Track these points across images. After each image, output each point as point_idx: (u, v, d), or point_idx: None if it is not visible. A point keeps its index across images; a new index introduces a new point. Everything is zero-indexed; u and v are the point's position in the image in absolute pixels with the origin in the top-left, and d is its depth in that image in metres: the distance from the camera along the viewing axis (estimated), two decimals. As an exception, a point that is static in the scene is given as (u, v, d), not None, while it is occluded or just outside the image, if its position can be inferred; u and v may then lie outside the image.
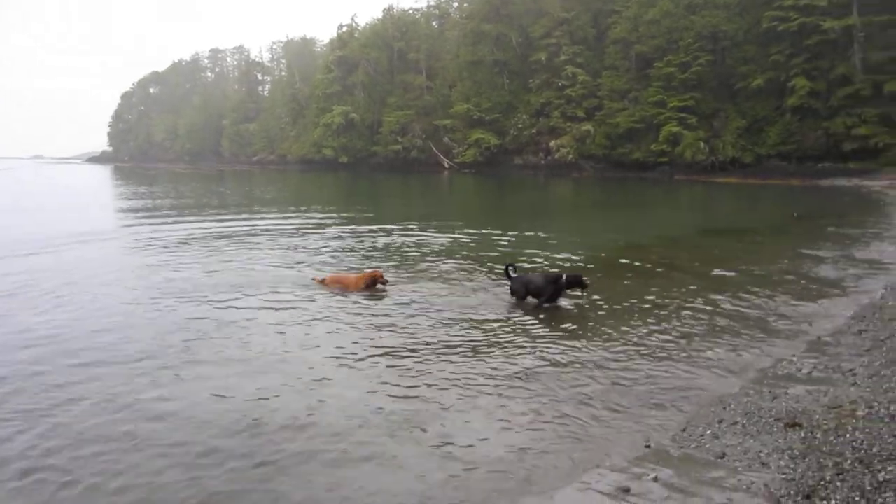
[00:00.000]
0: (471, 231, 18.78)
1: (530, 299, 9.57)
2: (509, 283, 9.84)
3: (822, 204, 31.97)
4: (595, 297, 9.73)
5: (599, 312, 8.97)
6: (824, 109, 56.60)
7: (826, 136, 56.31)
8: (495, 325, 8.30)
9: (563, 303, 9.46)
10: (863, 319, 8.15)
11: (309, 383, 6.07)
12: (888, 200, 31.64)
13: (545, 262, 13.00)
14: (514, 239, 16.80)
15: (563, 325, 8.24)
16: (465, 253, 14.45)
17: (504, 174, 69.79)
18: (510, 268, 10.00)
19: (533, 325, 8.27)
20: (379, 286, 10.46)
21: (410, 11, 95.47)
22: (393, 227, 19.32)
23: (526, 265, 12.53)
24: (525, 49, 78.28)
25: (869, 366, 6.09)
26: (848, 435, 4.42)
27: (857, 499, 3.52)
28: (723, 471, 4.25)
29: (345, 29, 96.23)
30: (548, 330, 8.02)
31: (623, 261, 13.47)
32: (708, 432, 4.93)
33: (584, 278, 9.33)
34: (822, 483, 3.79)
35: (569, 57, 72.92)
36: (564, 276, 9.35)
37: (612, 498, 4.03)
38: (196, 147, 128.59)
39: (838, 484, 3.74)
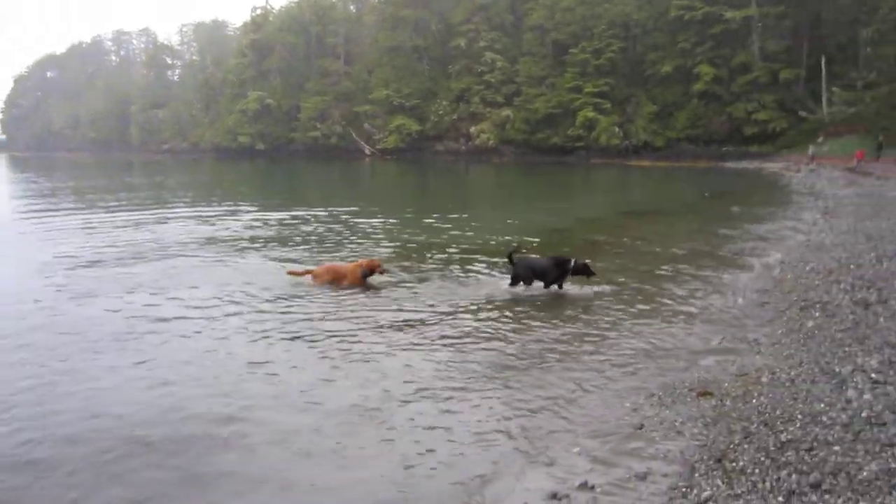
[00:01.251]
0: (396, 217, 18.72)
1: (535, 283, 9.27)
2: (512, 268, 9.33)
3: (728, 185, 33.70)
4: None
5: (518, 297, 9.11)
6: (727, 95, 59.68)
7: (729, 121, 59.44)
8: (442, 311, 8.29)
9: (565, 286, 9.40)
10: (765, 292, 8.66)
11: (246, 376, 5.89)
12: (784, 181, 33.71)
13: (472, 247, 13.10)
14: (440, 224, 16.83)
15: (485, 310, 8.32)
16: (397, 238, 14.39)
17: (426, 160, 69.81)
18: (512, 255, 9.44)
19: (470, 309, 8.29)
20: (375, 276, 9.61)
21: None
22: (315, 213, 18.99)
23: (452, 250, 12.61)
24: (444, 35, 78.31)
25: (771, 335, 6.50)
26: (754, 400, 4.70)
27: (762, 459, 3.76)
28: (642, 441, 4.43)
29: (259, 12, 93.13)
30: (473, 315, 8.08)
31: (546, 244, 13.77)
32: (627, 405, 5.14)
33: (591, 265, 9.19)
34: (732, 446, 4.02)
35: (487, 43, 73.50)
36: (573, 261, 9.10)
37: (539, 472, 4.14)
38: (101, 135, 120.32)
39: (746, 446, 3.97)
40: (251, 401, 5.35)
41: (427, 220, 17.85)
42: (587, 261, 9.29)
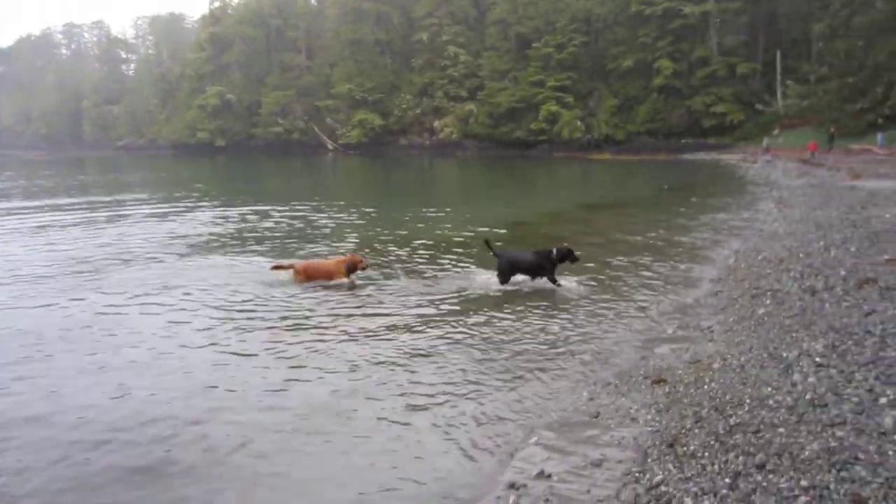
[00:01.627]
0: (361, 212, 18.62)
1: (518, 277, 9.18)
2: (496, 263, 9.18)
3: (687, 177, 34.33)
4: (478, 270, 9.98)
5: (483, 291, 9.17)
6: (686, 89, 60.84)
7: (688, 114, 60.65)
8: (407, 306, 8.29)
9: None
10: (719, 281, 8.90)
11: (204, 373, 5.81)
12: (741, 172, 34.51)
13: (438, 241, 13.12)
14: (405, 219, 16.83)
15: (447, 304, 8.36)
16: (363, 234, 14.35)
17: (390, 155, 69.59)
18: (489, 244, 9.32)
19: (434, 303, 8.31)
20: (357, 273, 9.42)
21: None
22: (277, 209, 18.78)
23: (418, 244, 12.61)
24: (407, 29, 78.08)
25: (724, 323, 6.67)
26: (706, 386, 4.83)
27: (712, 442, 3.86)
28: (597, 429, 4.52)
29: (217, 4, 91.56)
30: (436, 309, 8.11)
31: (510, 236, 13.88)
32: (584, 394, 5.23)
33: (576, 252, 9.15)
34: (684, 431, 4.12)
35: (450, 37, 73.54)
36: (555, 250, 8.98)
37: (497, 463, 4.20)
38: (53, 131, 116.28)
39: (697, 431, 4.08)
40: (215, 402, 5.27)
41: (391, 215, 17.86)
42: (565, 245, 9.20)
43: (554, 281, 9.05)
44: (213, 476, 4.17)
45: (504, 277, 9.10)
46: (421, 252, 11.85)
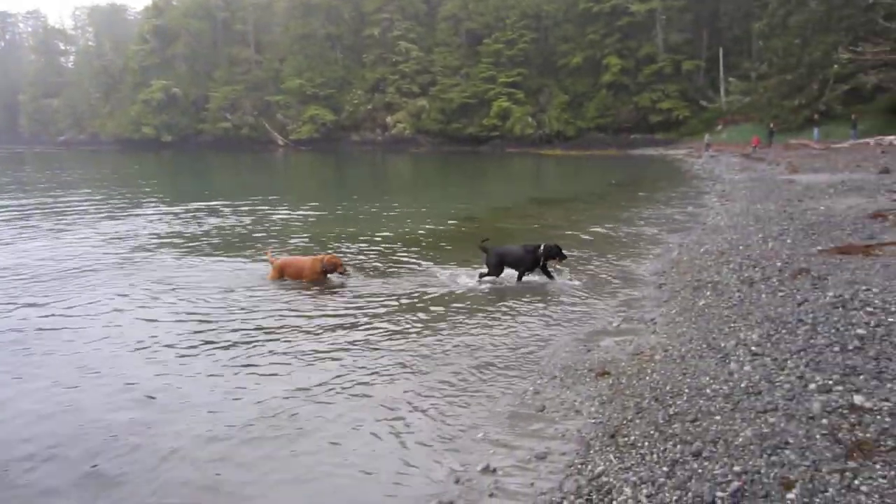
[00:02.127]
0: (313, 208, 18.40)
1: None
2: (484, 258, 9.14)
3: (634, 172, 35.05)
4: (430, 266, 10.00)
5: (433, 288, 9.19)
6: (634, 85, 62.14)
7: (636, 110, 61.97)
8: (357, 305, 8.23)
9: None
10: (663, 274, 9.12)
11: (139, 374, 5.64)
12: (686, 167, 35.44)
13: (390, 237, 13.07)
14: (358, 215, 16.74)
15: (394, 301, 8.34)
16: (316, 230, 14.18)
17: (342, 151, 68.93)
18: (484, 242, 9.28)
19: (377, 300, 8.29)
20: (335, 276, 9.17)
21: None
22: (226, 206, 18.39)
23: (374, 239, 12.53)
24: (357, 23, 77.37)
25: (667, 315, 6.85)
26: (647, 378, 4.95)
27: (651, 432, 3.97)
28: (542, 422, 4.59)
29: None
30: (384, 306, 8.09)
31: (461, 232, 13.94)
32: (530, 388, 5.29)
33: (563, 250, 9.08)
34: (625, 422, 4.22)
35: (401, 32, 73.27)
36: (542, 246, 8.96)
37: (443, 459, 4.21)
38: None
39: (637, 421, 4.18)
40: (152, 411, 5.07)
41: (344, 211, 17.72)
42: (559, 246, 9.10)
43: (546, 273, 9.06)
44: (145, 488, 4.03)
45: (494, 271, 9.05)
46: (375, 249, 11.79)
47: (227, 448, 4.45)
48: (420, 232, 13.88)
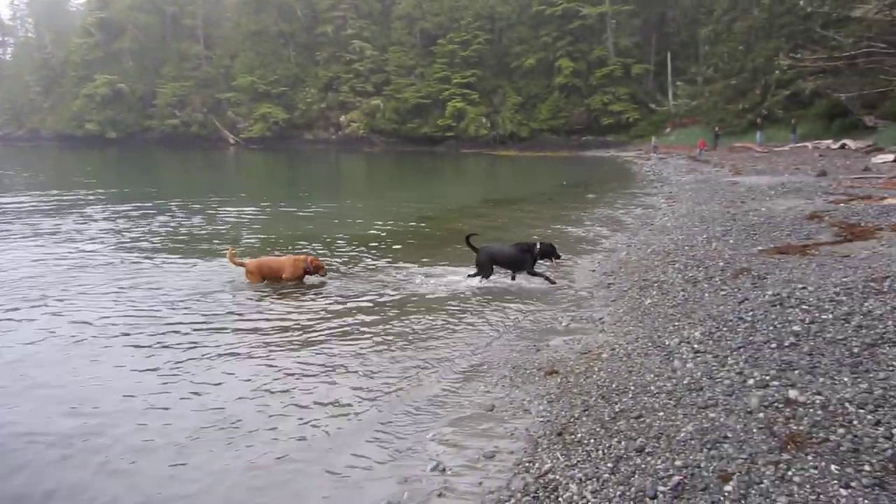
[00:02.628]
0: (265, 208, 18.13)
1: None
2: (475, 257, 8.96)
3: (586, 173, 35.64)
4: (385, 266, 9.98)
5: (381, 288, 9.17)
6: (585, 88, 63.16)
7: (588, 112, 62.99)
8: (309, 306, 8.13)
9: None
10: (611, 274, 9.31)
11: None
12: (636, 169, 36.21)
13: (343, 237, 12.96)
14: (309, 214, 16.56)
15: (352, 301, 8.29)
16: (267, 230, 13.96)
17: (294, 150, 67.97)
18: (472, 237, 9.15)
19: (328, 301, 8.22)
20: (311, 279, 8.99)
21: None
22: (173, 205, 17.94)
23: (326, 240, 12.41)
24: (310, 21, 76.45)
25: (614, 314, 7.00)
26: (594, 376, 5.05)
27: (597, 429, 4.05)
28: (492, 422, 4.63)
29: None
30: (342, 305, 8.03)
31: (413, 231, 13.94)
32: (480, 388, 5.33)
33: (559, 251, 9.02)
34: (572, 420, 4.30)
35: (355, 31, 72.75)
36: (538, 246, 8.84)
37: (392, 459, 4.21)
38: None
39: (584, 419, 4.26)
40: (88, 421, 4.86)
41: (297, 211, 17.50)
42: (543, 242, 9.05)
43: (533, 274, 8.90)
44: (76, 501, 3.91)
45: (484, 272, 8.89)
46: (327, 249, 11.69)
47: (167, 454, 4.36)
48: (372, 232, 13.82)
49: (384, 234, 13.62)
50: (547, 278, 8.91)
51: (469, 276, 9.10)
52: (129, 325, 7.06)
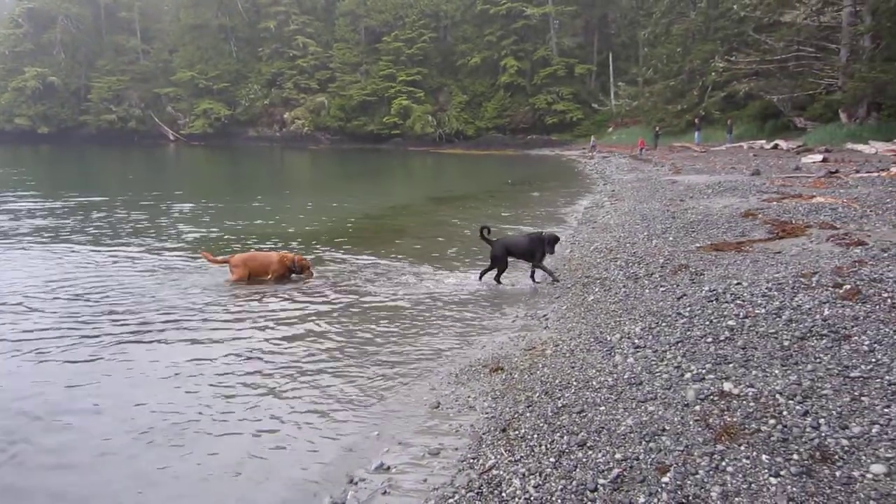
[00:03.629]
0: (203, 206, 17.64)
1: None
2: (490, 248, 8.68)
3: (531, 171, 36.06)
4: (329, 266, 9.87)
5: (317, 285, 9.07)
6: (530, 87, 64.06)
7: (533, 111, 63.89)
8: (253, 307, 7.94)
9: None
10: (556, 271, 9.44)
11: None
12: (579, 167, 36.88)
13: (281, 235, 12.74)
14: (250, 212, 16.21)
15: (286, 298, 8.16)
16: (205, 228, 13.57)
17: (238, 146, 66.60)
18: (485, 230, 8.78)
19: (272, 302, 8.06)
20: (295, 276, 8.80)
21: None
22: (108, 201, 17.29)
23: (269, 238, 12.16)
24: (253, 16, 74.98)
25: (558, 311, 7.10)
26: (538, 372, 5.11)
27: (541, 424, 4.10)
28: (437, 419, 4.63)
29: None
30: (288, 309, 7.89)
31: (355, 229, 13.82)
32: (427, 386, 5.32)
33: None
34: (516, 416, 4.34)
35: (299, 27, 71.75)
36: (544, 234, 8.55)
37: (337, 459, 4.15)
38: None
39: (528, 415, 4.30)
40: (65, 415, 4.77)
41: (235, 209, 17.13)
42: (548, 232, 8.83)
43: (541, 268, 8.67)
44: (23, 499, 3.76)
45: (499, 264, 8.70)
46: (269, 247, 11.46)
47: (119, 456, 4.22)
48: (310, 229, 13.67)
49: (323, 232, 13.46)
50: (551, 273, 8.68)
51: (483, 273, 8.87)
52: (65, 324, 6.78)
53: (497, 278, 8.77)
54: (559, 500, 3.20)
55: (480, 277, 8.92)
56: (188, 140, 72.08)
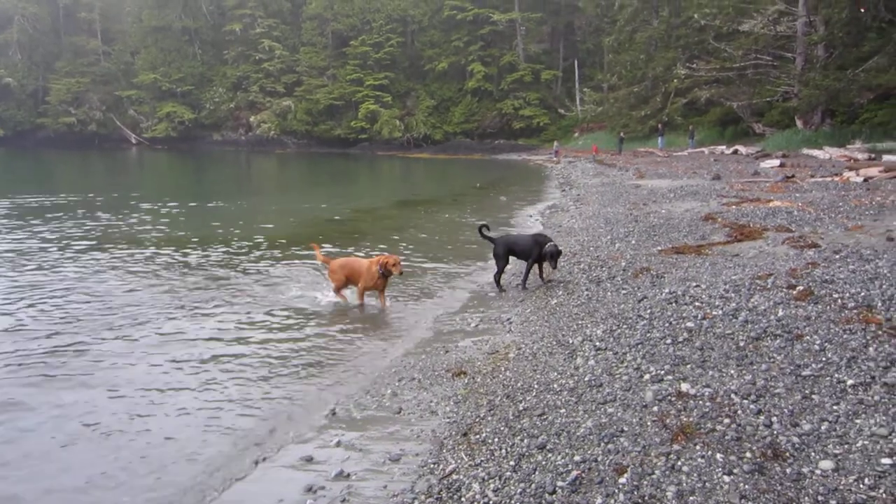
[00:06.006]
0: (167, 210, 17.31)
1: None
2: (493, 246, 8.52)
3: (498, 175, 36.25)
4: (290, 271, 9.77)
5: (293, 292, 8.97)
6: (497, 92, 64.50)
7: (500, 116, 64.35)
8: (206, 311, 7.79)
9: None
10: (520, 275, 9.48)
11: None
12: (546, 172, 37.17)
13: (247, 239, 12.55)
14: (211, 216, 15.95)
15: (257, 308, 8.05)
16: (168, 233, 13.31)
17: (202, 150, 65.59)
18: (484, 228, 8.69)
19: (237, 307, 7.94)
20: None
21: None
22: (66, 202, 16.86)
23: (230, 242, 11.98)
24: (217, 18, 74.09)
25: (521, 314, 7.12)
26: (501, 375, 5.11)
27: (502, 428, 4.10)
28: (399, 424, 4.59)
29: (-12, -24, 80.00)
30: (248, 314, 7.77)
31: (322, 234, 13.70)
32: (388, 391, 5.28)
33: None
34: (478, 420, 4.33)
35: (265, 30, 71.10)
36: (547, 247, 8.12)
37: (295, 469, 4.09)
38: None
39: (489, 418, 4.30)
40: None
41: (197, 214, 16.85)
42: (541, 233, 8.81)
43: (529, 268, 8.53)
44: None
45: (501, 262, 8.54)
46: (230, 252, 11.30)
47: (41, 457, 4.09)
48: (274, 235, 13.50)
49: (291, 235, 13.33)
50: (526, 278, 8.53)
51: (496, 279, 8.62)
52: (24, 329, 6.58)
53: (497, 278, 8.65)
54: (518, 504, 3.20)
55: (498, 284, 8.59)
56: (151, 143, 70.82)
